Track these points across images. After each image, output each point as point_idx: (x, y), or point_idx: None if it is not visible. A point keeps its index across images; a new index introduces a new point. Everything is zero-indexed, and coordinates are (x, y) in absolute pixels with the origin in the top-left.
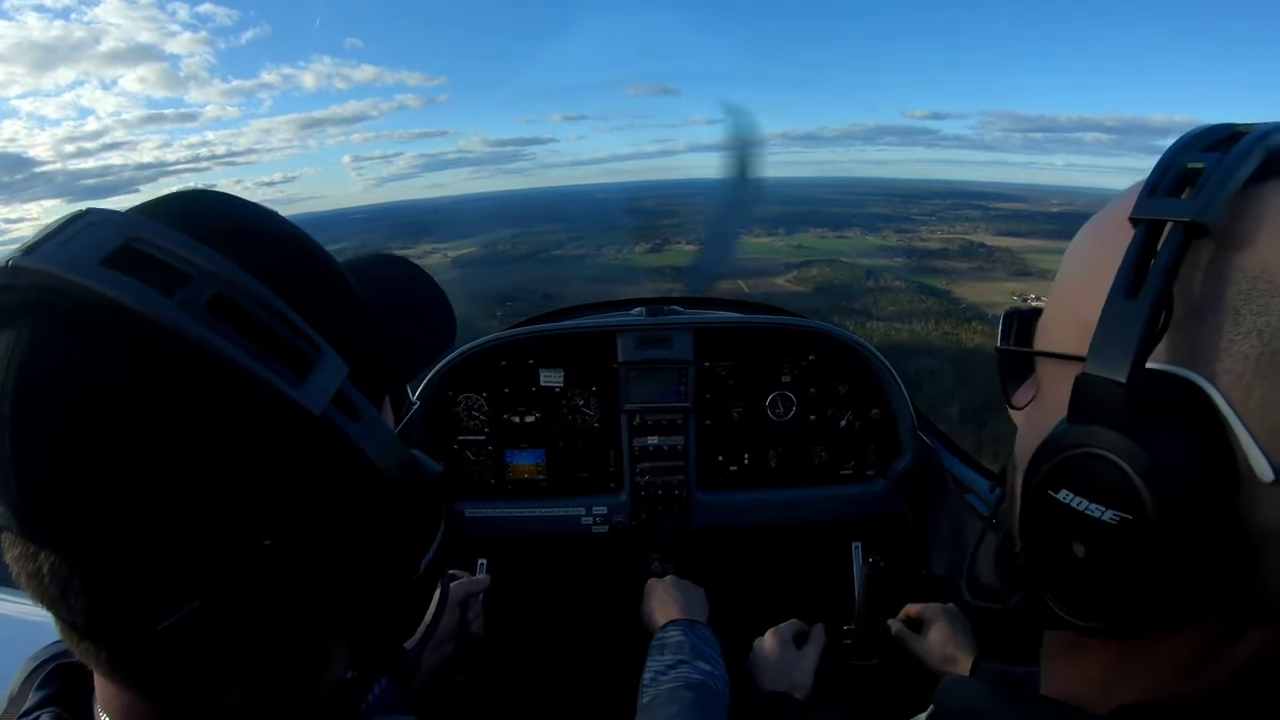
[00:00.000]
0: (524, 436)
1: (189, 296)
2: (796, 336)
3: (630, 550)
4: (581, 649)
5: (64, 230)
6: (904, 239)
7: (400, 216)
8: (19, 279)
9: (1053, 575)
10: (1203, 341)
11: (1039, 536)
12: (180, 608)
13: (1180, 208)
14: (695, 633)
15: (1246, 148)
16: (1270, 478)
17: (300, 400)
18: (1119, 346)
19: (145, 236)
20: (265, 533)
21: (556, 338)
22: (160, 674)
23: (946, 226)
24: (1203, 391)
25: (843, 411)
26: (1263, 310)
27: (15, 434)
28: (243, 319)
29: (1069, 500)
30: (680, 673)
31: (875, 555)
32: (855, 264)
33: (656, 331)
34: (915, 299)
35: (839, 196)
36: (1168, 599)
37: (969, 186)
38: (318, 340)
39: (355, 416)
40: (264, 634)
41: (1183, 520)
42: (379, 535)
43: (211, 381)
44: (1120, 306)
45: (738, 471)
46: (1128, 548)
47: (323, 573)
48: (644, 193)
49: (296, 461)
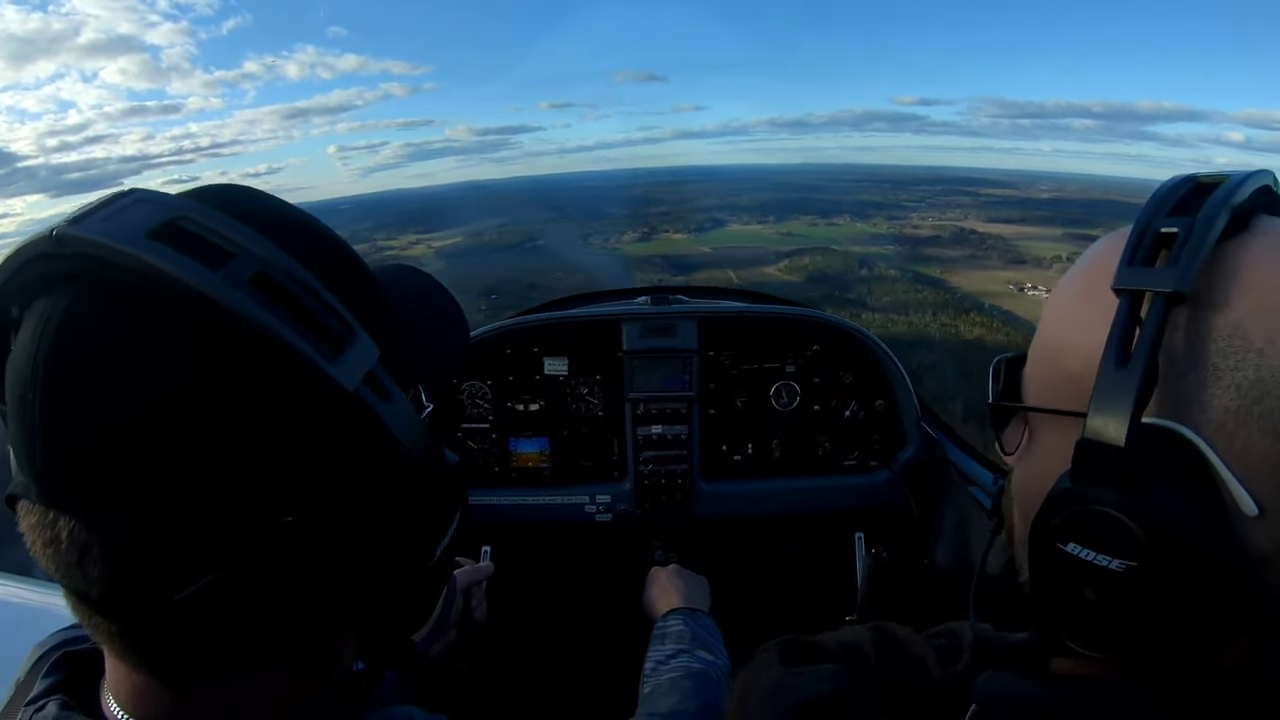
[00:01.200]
0: (528, 425)
1: (233, 271)
2: (801, 326)
3: (633, 539)
4: (584, 637)
5: (110, 205)
6: (895, 226)
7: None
8: (64, 248)
9: (1065, 615)
10: (1187, 396)
11: (1051, 583)
12: (199, 579)
13: (1159, 278)
14: (697, 622)
15: (1214, 209)
16: (1255, 511)
17: (335, 375)
18: (1115, 412)
19: (190, 215)
20: (289, 508)
21: (561, 326)
22: (172, 650)
23: (937, 213)
24: (1190, 442)
25: (847, 402)
26: (1239, 365)
27: (46, 398)
28: (283, 295)
29: (1077, 552)
30: (681, 662)
31: (878, 547)
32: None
33: (661, 320)
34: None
35: (827, 183)
36: (1172, 629)
37: (957, 173)
38: (352, 322)
39: (386, 398)
40: (279, 614)
41: (1182, 559)
42: (400, 518)
43: (249, 353)
44: (1111, 375)
45: (741, 461)
46: (1135, 590)
47: (341, 552)
48: (632, 181)
49: (326, 437)
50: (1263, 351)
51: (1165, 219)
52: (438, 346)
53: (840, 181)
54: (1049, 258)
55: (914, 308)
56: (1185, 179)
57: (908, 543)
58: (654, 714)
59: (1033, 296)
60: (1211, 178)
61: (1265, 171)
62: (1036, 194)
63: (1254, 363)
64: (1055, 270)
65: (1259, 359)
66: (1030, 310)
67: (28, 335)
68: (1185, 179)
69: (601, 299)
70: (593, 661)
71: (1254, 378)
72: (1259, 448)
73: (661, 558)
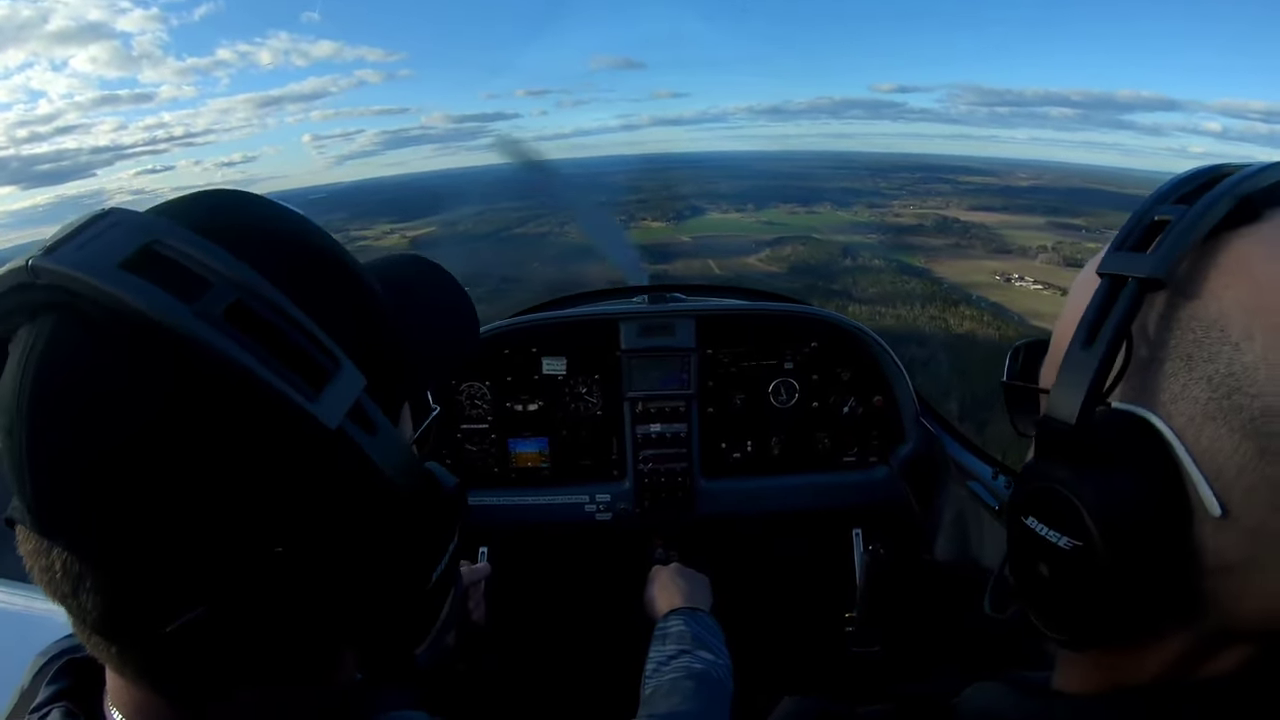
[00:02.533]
0: (527, 425)
1: (207, 304)
2: (799, 323)
3: (633, 538)
4: (584, 637)
5: (85, 231)
6: (876, 214)
7: (361, 196)
8: (39, 278)
9: (1028, 592)
10: (1160, 384)
11: (1016, 556)
12: (186, 612)
13: (1138, 264)
14: (698, 621)
15: (1216, 197)
16: (1219, 513)
17: (316, 414)
18: (1072, 391)
19: (165, 239)
20: (276, 541)
21: (559, 326)
22: (168, 673)
23: (918, 201)
24: (1158, 431)
25: (845, 398)
26: (1212, 358)
27: (31, 431)
28: (261, 328)
29: (1034, 526)
30: (682, 662)
31: (876, 543)
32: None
33: (659, 319)
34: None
35: (806, 170)
36: (1120, 618)
37: (936, 160)
38: (336, 353)
39: (371, 431)
40: (271, 641)
41: (1129, 547)
42: (390, 547)
43: (228, 390)
44: (1077, 354)
45: (740, 459)
46: (1080, 570)
47: (333, 582)
48: (609, 168)
49: (310, 473)
50: (1238, 345)
51: (1168, 206)
52: (445, 337)
53: (819, 169)
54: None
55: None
56: (1209, 168)
57: (907, 538)
58: (655, 714)
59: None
60: (1235, 168)
61: None
62: (1016, 181)
63: (1228, 356)
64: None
65: (1233, 352)
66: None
67: (13, 365)
68: (1209, 168)
69: (599, 298)
70: (593, 662)
71: (1226, 371)
72: (1226, 445)
73: (662, 556)
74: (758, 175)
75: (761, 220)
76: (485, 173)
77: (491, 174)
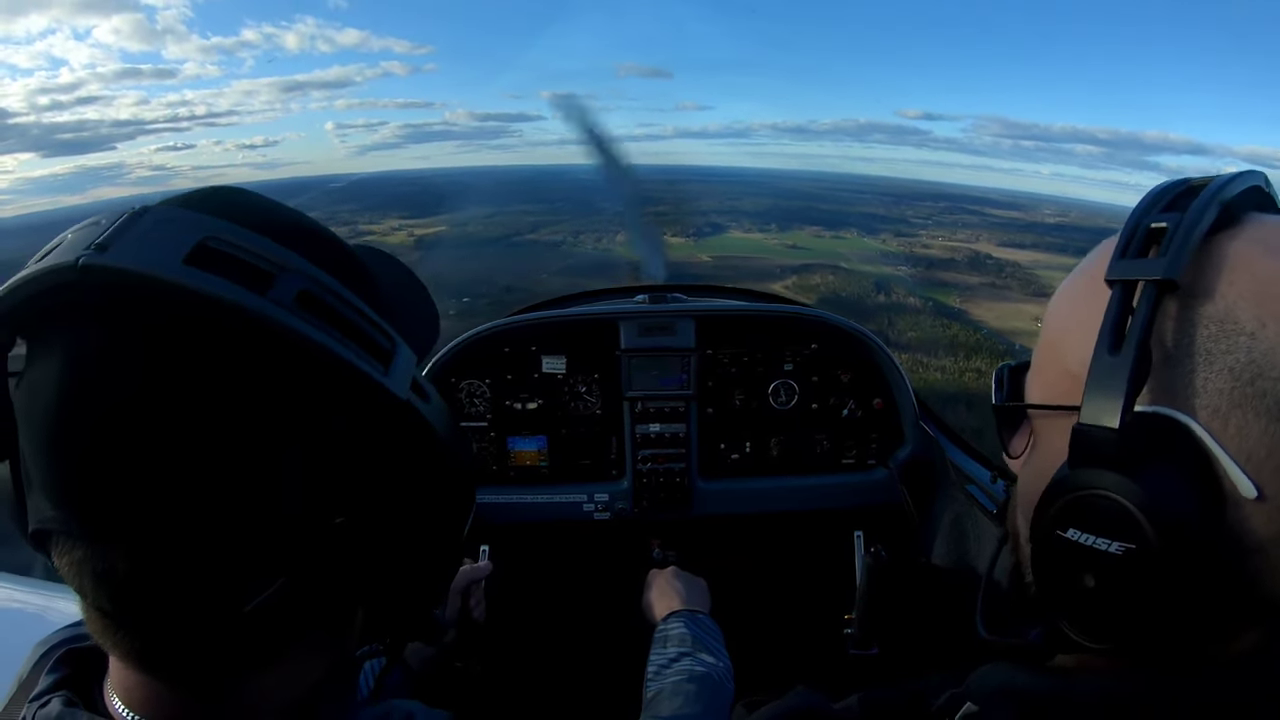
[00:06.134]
0: (526, 423)
1: (279, 293)
2: (799, 325)
3: (631, 537)
4: (582, 635)
5: (131, 228)
6: (904, 244)
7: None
8: (90, 278)
9: (1068, 606)
10: (1181, 382)
11: (1052, 572)
12: (268, 586)
13: (1150, 268)
14: (698, 624)
15: (1203, 204)
16: (1254, 494)
17: (389, 386)
18: (1108, 397)
19: (217, 234)
20: (345, 509)
21: (559, 325)
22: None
23: (947, 233)
24: (1185, 427)
25: (845, 400)
26: (1231, 349)
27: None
28: (329, 313)
29: (1076, 537)
30: (684, 665)
31: (877, 545)
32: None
33: (659, 319)
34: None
35: (830, 192)
36: (1174, 617)
37: (960, 190)
38: (391, 332)
39: (427, 400)
40: (325, 609)
41: (1181, 542)
42: (436, 510)
43: (305, 372)
44: (1105, 361)
45: (739, 459)
46: (1134, 574)
47: (383, 546)
48: None
49: (379, 441)
50: (1254, 335)
51: (1156, 215)
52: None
53: (842, 191)
54: None
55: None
56: (1179, 181)
57: (905, 541)
58: (659, 717)
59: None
60: (1203, 180)
61: (1256, 172)
62: (1042, 218)
63: (1245, 345)
64: None
65: (1250, 342)
66: None
67: (55, 373)
68: (1179, 181)
69: (599, 297)
70: (592, 660)
71: (1246, 360)
72: (1254, 429)
73: (659, 556)
74: (780, 194)
75: (786, 243)
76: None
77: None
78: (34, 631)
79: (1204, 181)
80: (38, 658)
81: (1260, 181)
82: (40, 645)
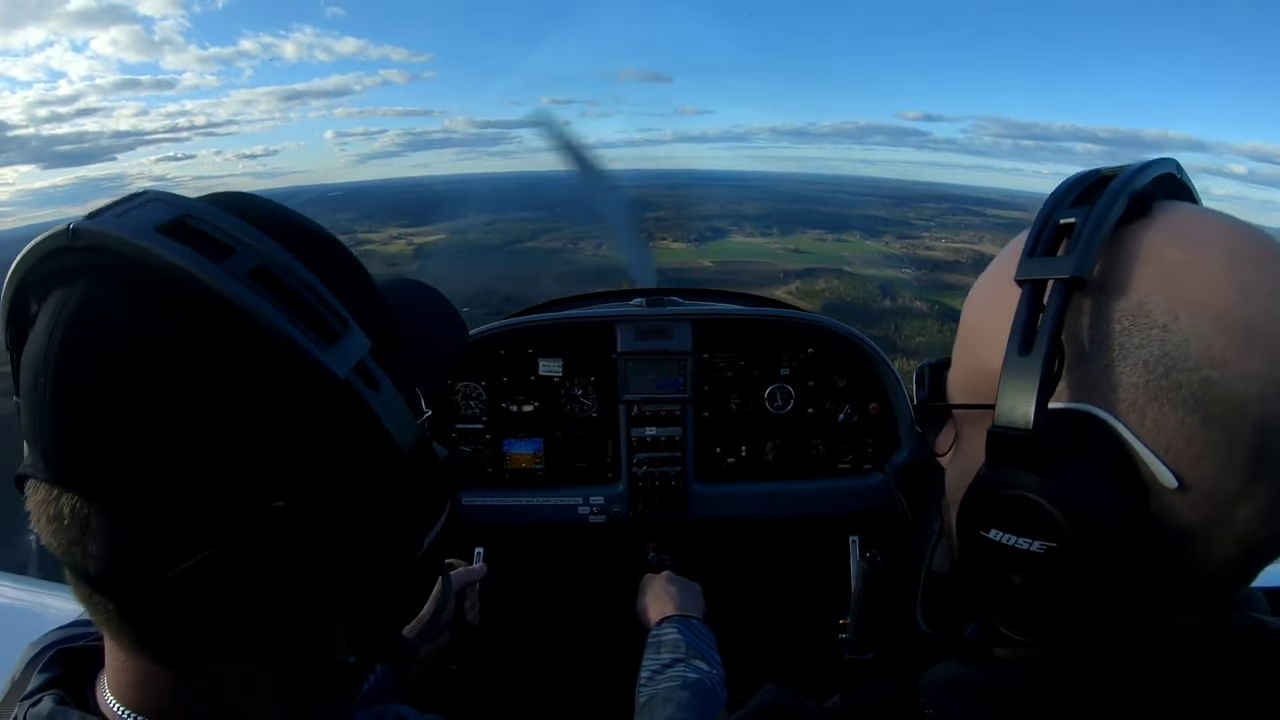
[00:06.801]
0: (522, 426)
1: (234, 264)
2: (796, 329)
3: (627, 540)
4: (577, 639)
5: (124, 204)
6: (907, 246)
7: (375, 196)
8: (79, 240)
9: (998, 604)
10: (1096, 377)
11: (980, 572)
12: (193, 555)
13: (1058, 266)
14: (692, 630)
15: (1111, 196)
16: (1174, 484)
17: (326, 363)
18: (1021, 397)
19: (197, 214)
20: (279, 493)
21: (556, 327)
22: (168, 628)
23: (950, 234)
24: (1103, 421)
25: (841, 405)
26: (1145, 343)
27: (57, 383)
28: (280, 288)
29: (999, 538)
30: (676, 671)
31: (872, 550)
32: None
33: (656, 322)
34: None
35: (830, 195)
36: (1103, 608)
37: (961, 190)
38: (345, 315)
39: (374, 386)
40: (270, 594)
41: (1099, 537)
42: (386, 506)
43: (246, 340)
44: (1016, 362)
45: (735, 463)
46: (1057, 571)
47: (329, 537)
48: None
49: (317, 422)
50: (1166, 328)
51: (1066, 210)
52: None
53: (843, 194)
54: None
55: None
56: (1090, 173)
57: (900, 546)
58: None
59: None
60: (1114, 170)
61: (1167, 160)
62: None
63: (1158, 339)
64: None
65: (1163, 334)
66: None
67: (43, 323)
68: (1090, 173)
69: (596, 300)
70: (586, 664)
71: (1159, 353)
72: (1171, 420)
73: (655, 560)
74: (781, 198)
75: (788, 247)
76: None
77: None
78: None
79: (1115, 171)
80: (30, 657)
81: (1172, 169)
82: (33, 646)
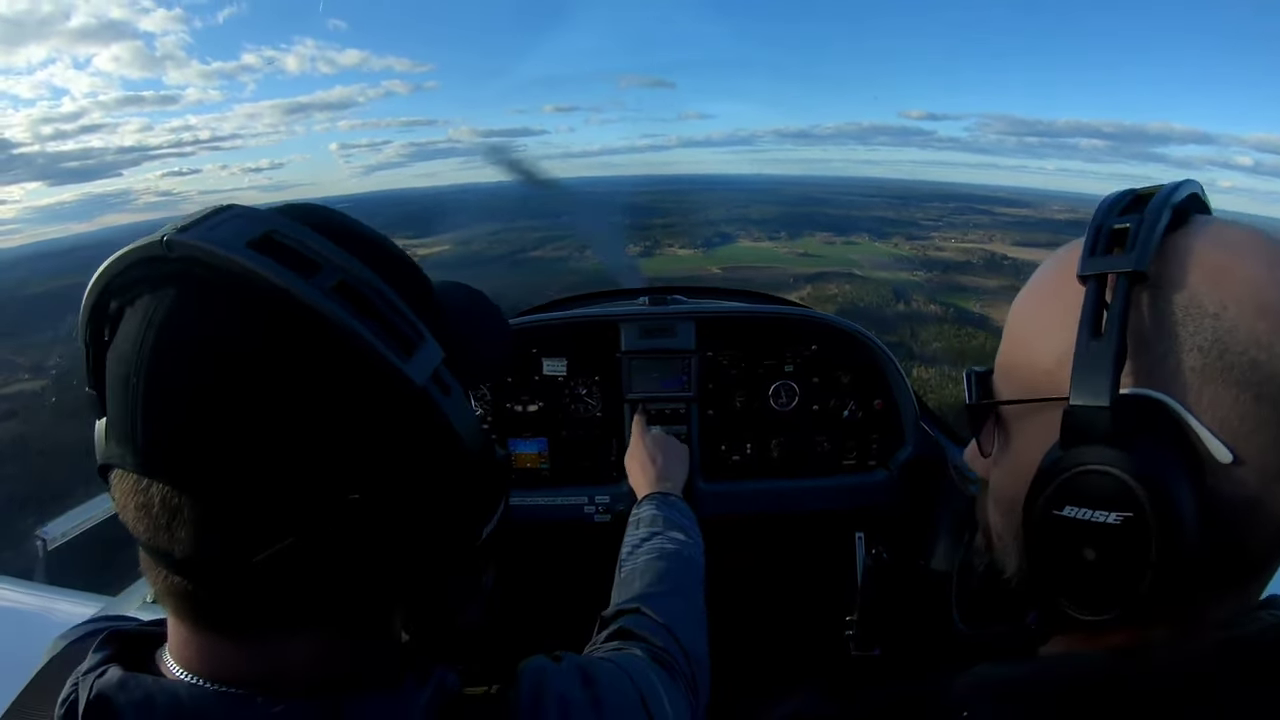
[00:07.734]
0: (526, 425)
1: (321, 280)
2: (799, 326)
3: None
4: (582, 638)
5: (211, 218)
6: (917, 248)
7: (380, 207)
8: (173, 251)
9: (1067, 583)
10: (1156, 364)
11: (1050, 552)
12: (277, 542)
13: (1119, 262)
14: (669, 505)
15: (1159, 206)
16: (1229, 458)
17: (408, 372)
18: (1096, 379)
19: (281, 229)
20: (356, 486)
21: (559, 327)
22: (241, 606)
23: (959, 234)
24: (1164, 404)
25: (845, 401)
26: (1199, 330)
27: (149, 382)
28: (363, 302)
29: (1074, 514)
30: (654, 544)
31: (878, 546)
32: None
33: (659, 321)
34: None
35: (837, 196)
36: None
37: (967, 189)
38: (421, 328)
39: (448, 393)
40: (341, 578)
41: (1173, 503)
42: (452, 500)
43: (331, 350)
44: (1089, 347)
45: (740, 461)
46: (1133, 541)
47: (398, 527)
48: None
49: (394, 425)
50: (1217, 316)
51: (1116, 218)
52: (486, 355)
53: (850, 195)
54: None
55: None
56: (1125, 192)
57: (905, 542)
58: (629, 596)
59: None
60: (1147, 189)
61: (1192, 181)
62: (1053, 215)
63: (1210, 326)
64: None
65: (1214, 322)
66: None
67: (134, 325)
68: (1125, 192)
69: (600, 299)
70: None
71: (1212, 338)
72: (1226, 398)
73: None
74: (788, 200)
75: (796, 251)
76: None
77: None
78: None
79: (1150, 191)
80: (61, 647)
81: (1197, 189)
82: (61, 639)
